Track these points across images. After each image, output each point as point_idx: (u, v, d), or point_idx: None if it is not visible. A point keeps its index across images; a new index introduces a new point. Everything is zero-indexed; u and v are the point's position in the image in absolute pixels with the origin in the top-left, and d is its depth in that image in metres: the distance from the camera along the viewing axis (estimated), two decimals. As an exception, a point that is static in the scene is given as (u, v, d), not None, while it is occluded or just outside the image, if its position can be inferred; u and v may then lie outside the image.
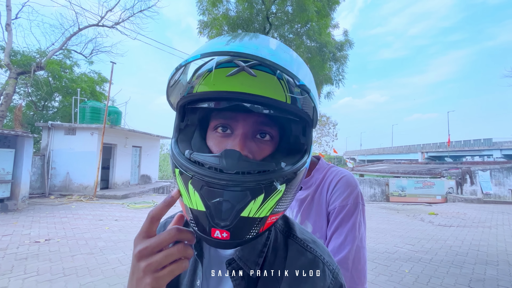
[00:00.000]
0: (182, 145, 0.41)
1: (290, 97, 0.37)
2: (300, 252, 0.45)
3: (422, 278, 3.33)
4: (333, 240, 0.77)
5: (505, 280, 3.30)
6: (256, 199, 0.34)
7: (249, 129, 0.39)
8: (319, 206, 0.83)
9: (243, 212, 0.34)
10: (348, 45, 10.65)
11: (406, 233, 5.76)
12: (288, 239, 0.47)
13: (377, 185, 13.07)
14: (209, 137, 0.42)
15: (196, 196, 0.34)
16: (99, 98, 13.95)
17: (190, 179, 0.35)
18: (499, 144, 32.49)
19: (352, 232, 0.76)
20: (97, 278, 3.06)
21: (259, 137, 0.40)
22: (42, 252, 3.86)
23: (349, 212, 0.77)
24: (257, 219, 0.35)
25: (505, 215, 8.32)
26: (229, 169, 0.34)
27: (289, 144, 0.43)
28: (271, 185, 0.35)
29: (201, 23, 9.95)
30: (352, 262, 0.74)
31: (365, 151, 56.19)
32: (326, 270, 0.44)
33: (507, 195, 12.97)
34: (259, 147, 0.40)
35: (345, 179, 0.81)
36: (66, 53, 13.19)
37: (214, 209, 0.33)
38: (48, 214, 6.47)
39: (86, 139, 9.82)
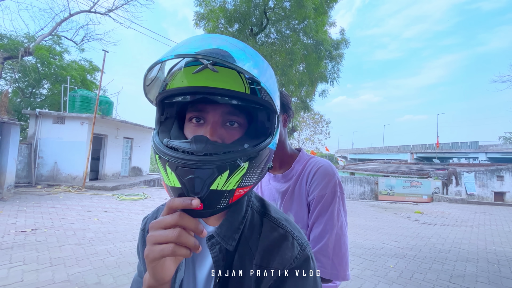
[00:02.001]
0: (162, 135, 0.47)
1: (250, 88, 0.43)
2: (273, 229, 0.50)
3: (406, 273, 3.45)
4: (313, 229, 0.80)
5: (483, 277, 3.46)
6: (222, 175, 0.40)
7: (218, 118, 0.45)
8: (299, 197, 0.85)
9: (212, 185, 0.40)
10: (344, 43, 10.70)
11: (392, 230, 5.92)
12: (264, 218, 0.52)
13: (367, 183, 13.32)
14: (186, 127, 0.48)
15: (173, 175, 0.40)
16: (90, 87, 13.59)
17: (167, 161, 0.41)
18: (484, 147, 33.54)
19: (331, 220, 0.78)
20: (85, 269, 3.04)
21: (228, 125, 0.46)
22: (28, 242, 3.79)
23: (327, 201, 0.80)
24: (225, 192, 0.41)
25: (486, 215, 8.66)
26: (198, 151, 0.40)
27: (256, 129, 0.49)
28: (235, 163, 0.40)
29: (198, 15, 9.77)
30: (333, 250, 0.76)
31: (357, 150, 57.01)
32: (295, 243, 0.49)
33: (489, 196, 13.47)
34: (228, 133, 0.46)
35: (323, 168, 0.84)
36: (56, 39, 12.76)
37: (188, 185, 0.39)
38: (35, 204, 6.33)
39: (75, 128, 9.59)
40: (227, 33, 9.97)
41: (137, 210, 6.40)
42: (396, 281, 3.17)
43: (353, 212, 8.28)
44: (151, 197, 8.43)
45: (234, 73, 0.42)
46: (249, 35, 10.21)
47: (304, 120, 28.52)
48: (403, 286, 3.05)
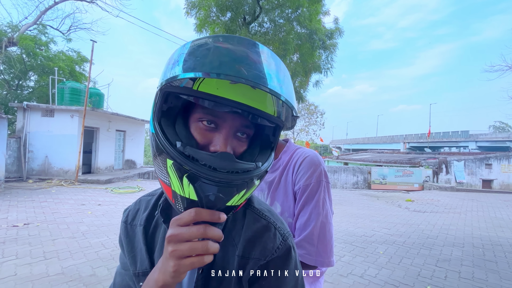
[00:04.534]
0: (168, 131, 0.42)
1: (277, 111, 0.45)
2: (255, 220, 0.51)
3: (395, 258, 3.57)
4: (299, 218, 0.82)
5: (468, 260, 3.61)
6: (240, 193, 0.41)
7: (232, 129, 0.44)
8: (286, 187, 0.86)
9: (229, 202, 0.40)
10: (338, 33, 10.60)
11: (383, 218, 6.08)
12: (247, 210, 0.52)
13: (360, 173, 13.55)
14: (193, 126, 0.44)
15: (190, 188, 0.38)
16: (79, 79, 13.24)
17: (186, 173, 0.38)
18: (475, 136, 34.28)
19: (316, 209, 0.80)
20: (79, 261, 3.05)
21: (239, 135, 0.45)
22: (20, 236, 3.76)
23: (312, 190, 0.81)
24: (236, 206, 0.43)
25: (474, 202, 8.94)
26: (223, 169, 0.38)
27: (261, 141, 0.49)
28: (252, 182, 0.42)
29: (189, 3, 9.52)
30: (318, 237, 0.78)
31: (351, 140, 57.59)
32: (277, 233, 0.50)
33: (478, 184, 13.89)
34: (238, 144, 0.45)
35: (309, 158, 0.84)
36: (41, 28, 12.29)
37: (206, 200, 0.38)
38: (27, 198, 6.25)
39: (65, 121, 9.39)
40: (219, 22, 9.75)
41: (131, 203, 6.38)
42: (385, 266, 3.29)
43: (346, 201, 8.45)
44: (145, 189, 8.41)
45: (269, 95, 0.42)
46: (242, 24, 10.01)
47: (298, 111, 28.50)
48: (392, 271, 3.16)
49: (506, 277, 3.12)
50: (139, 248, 0.55)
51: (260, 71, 0.37)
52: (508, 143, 29.00)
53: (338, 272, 3.09)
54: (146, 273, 0.51)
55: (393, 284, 2.85)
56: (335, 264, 3.32)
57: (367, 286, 2.79)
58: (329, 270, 3.13)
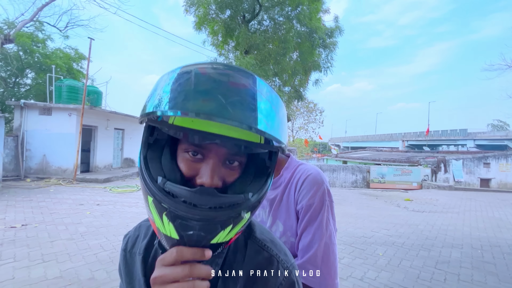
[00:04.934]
0: (152, 165, 0.41)
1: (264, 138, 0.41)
2: (257, 252, 0.48)
3: (394, 260, 3.58)
4: (302, 239, 0.80)
5: (467, 262, 3.62)
6: (225, 229, 0.38)
7: (220, 159, 0.41)
8: (288, 206, 0.84)
9: (213, 240, 0.38)
10: (338, 31, 10.54)
11: (383, 218, 6.09)
12: (248, 240, 0.50)
13: (359, 172, 13.56)
14: (180, 157, 0.42)
15: (170, 226, 0.36)
16: (77, 77, 13.12)
17: (165, 211, 0.36)
18: (473, 134, 34.42)
19: (319, 230, 0.78)
20: (78, 264, 3.03)
21: (228, 163, 0.42)
22: (18, 238, 3.74)
23: (315, 210, 0.79)
24: (224, 242, 0.40)
25: (472, 201, 8.99)
26: (203, 204, 0.36)
27: (255, 166, 0.45)
28: (239, 216, 0.38)
29: (188, 1, 9.41)
30: (321, 259, 0.77)
31: (350, 138, 57.66)
32: (280, 267, 0.48)
33: (476, 182, 13.95)
34: (228, 173, 0.42)
35: (311, 177, 0.82)
36: (38, 25, 12.13)
37: (187, 239, 0.36)
38: (25, 198, 6.22)
39: (63, 120, 9.32)
40: (218, 20, 9.66)
41: (130, 203, 6.37)
42: (384, 269, 3.29)
43: (345, 200, 8.46)
44: (144, 188, 8.39)
45: None
46: (241, 22, 9.92)
47: (298, 109, 28.46)
48: (391, 274, 3.17)
49: (504, 280, 3.13)
50: (137, 280, 0.52)
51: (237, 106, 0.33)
52: (506, 142, 29.14)
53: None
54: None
55: (392, 287, 2.85)
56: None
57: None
58: (329, 272, 3.13)
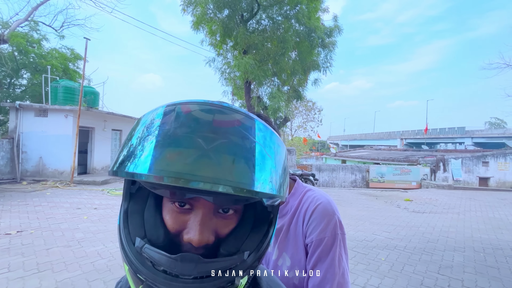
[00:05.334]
0: (132, 220, 0.35)
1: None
2: None
3: (397, 266, 3.53)
4: (312, 278, 0.73)
5: (470, 266, 3.58)
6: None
7: (210, 208, 0.34)
8: (296, 238, 0.77)
9: None
10: (337, 31, 10.46)
11: (383, 220, 6.05)
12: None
13: (358, 171, 13.54)
14: (165, 208, 0.36)
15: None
16: (73, 77, 12.96)
17: (141, 284, 0.31)
18: (471, 132, 34.52)
19: (331, 268, 0.71)
20: (74, 274, 2.95)
21: (221, 212, 0.36)
22: (13, 246, 3.65)
23: (327, 246, 0.72)
24: None
25: (472, 201, 8.98)
26: (186, 275, 0.30)
27: (255, 212, 0.39)
28: (232, 284, 0.32)
29: (185, 0, 9.28)
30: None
31: (348, 136, 57.73)
32: None
33: (474, 181, 13.98)
34: (222, 223, 0.36)
35: (322, 207, 0.75)
36: (33, 25, 11.94)
37: None
38: (20, 202, 6.11)
39: (59, 121, 9.19)
40: (216, 20, 9.54)
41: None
42: (387, 275, 3.24)
43: (345, 201, 8.42)
44: (142, 191, 8.30)
45: None
46: (239, 22, 9.81)
47: (296, 108, 28.41)
48: (394, 280, 3.12)
49: (509, 285, 3.09)
50: None
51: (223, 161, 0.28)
52: (503, 140, 29.27)
53: (340, 282, 3.04)
54: None
55: (396, 295, 2.80)
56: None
57: (370, 297, 2.74)
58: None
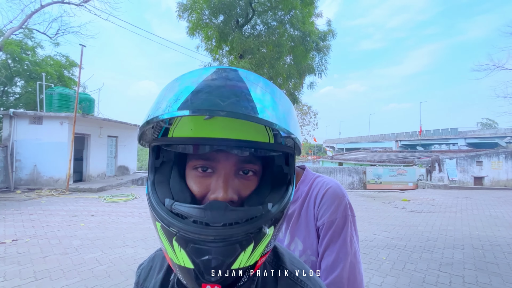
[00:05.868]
0: (160, 188, 0.38)
1: (273, 135, 0.37)
2: (290, 287, 0.42)
3: (398, 264, 3.54)
4: (325, 258, 0.74)
5: (470, 263, 3.61)
6: (246, 250, 0.33)
7: (231, 168, 0.37)
8: (307, 222, 0.78)
9: (234, 265, 0.32)
10: (331, 35, 10.64)
11: (382, 220, 6.08)
12: (278, 273, 0.44)
13: (355, 173, 13.62)
14: (189, 176, 0.39)
15: (183, 253, 0.32)
16: (68, 84, 12.88)
17: (174, 235, 0.32)
18: (463, 133, 35.11)
19: (344, 248, 0.72)
20: (73, 281, 2.89)
21: (242, 174, 0.38)
22: (9, 255, 3.56)
23: (338, 226, 0.73)
24: (248, 267, 0.34)
25: (468, 200, 9.08)
26: (215, 222, 0.32)
27: (272, 174, 0.41)
28: (260, 232, 0.33)
29: (180, 6, 9.38)
30: (348, 280, 0.70)
31: (344, 139, 58.16)
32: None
33: (469, 181, 14.16)
34: (244, 184, 0.38)
35: (332, 190, 0.77)
36: (27, 32, 11.90)
37: (203, 266, 0.32)
38: (15, 210, 5.99)
39: (55, 128, 9.09)
40: (212, 25, 9.65)
41: (126, 212, 6.20)
42: (389, 273, 3.24)
43: (343, 203, 8.44)
44: (140, 197, 8.21)
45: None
46: (234, 27, 9.93)
47: (292, 112, 28.62)
48: (396, 278, 3.13)
49: (508, 280, 3.12)
50: None
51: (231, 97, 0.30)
52: (496, 139, 29.81)
53: (342, 281, 3.03)
54: None
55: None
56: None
57: (373, 296, 2.73)
58: (334, 279, 3.07)
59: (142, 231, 4.80)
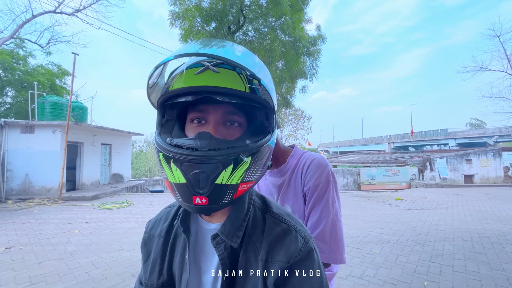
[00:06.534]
0: (164, 136, 0.48)
1: (249, 87, 0.45)
2: (276, 224, 0.51)
3: (391, 257, 3.63)
4: (310, 217, 0.83)
5: (460, 254, 3.73)
6: (226, 169, 0.41)
7: (219, 118, 0.47)
8: (295, 189, 0.88)
9: (217, 179, 0.41)
10: (321, 40, 10.93)
11: (376, 218, 6.19)
12: (266, 215, 0.53)
13: (349, 175, 13.79)
14: (187, 128, 0.50)
15: (178, 171, 0.41)
16: (60, 93, 12.81)
17: (172, 158, 0.42)
18: (453, 133, 35.92)
19: (326, 208, 0.82)
20: (69, 284, 2.89)
21: (229, 124, 0.48)
22: (2, 262, 3.52)
23: (322, 190, 0.83)
24: (230, 186, 0.43)
25: (458, 197, 9.30)
26: (203, 147, 0.41)
27: (255, 128, 0.51)
28: (238, 158, 0.42)
29: (173, 14, 9.53)
30: (330, 235, 0.80)
31: (338, 143, 58.72)
32: (298, 236, 0.50)
33: (460, 179, 14.48)
34: (229, 132, 0.47)
35: (316, 160, 0.88)
36: (19, 42, 11.86)
37: (193, 180, 0.40)
38: (7, 220, 5.89)
39: (47, 137, 9.01)
40: (204, 32, 9.81)
41: (121, 218, 6.16)
42: (382, 266, 3.33)
43: (338, 203, 8.54)
44: (135, 203, 8.15)
45: (234, 74, 0.44)
46: (226, 34, 10.11)
47: (286, 116, 28.87)
48: (389, 270, 3.21)
49: (496, 268, 3.24)
50: (153, 259, 0.55)
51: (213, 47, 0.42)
52: (485, 139, 30.59)
53: (337, 275, 3.10)
54: (151, 284, 0.53)
55: (391, 282, 2.89)
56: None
57: (366, 286, 2.81)
58: (329, 273, 3.14)
59: (139, 235, 4.78)
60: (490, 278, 2.97)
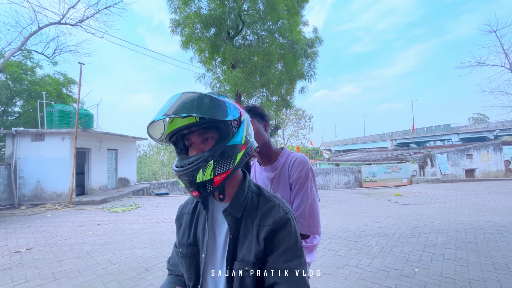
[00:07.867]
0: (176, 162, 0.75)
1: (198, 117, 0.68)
2: (266, 202, 0.75)
3: (386, 248, 3.86)
4: (294, 201, 1.12)
5: (452, 244, 3.95)
6: (199, 173, 0.66)
7: (197, 139, 0.71)
8: (284, 181, 1.17)
9: (197, 180, 0.66)
10: (318, 41, 11.18)
11: (375, 213, 6.41)
12: (259, 197, 0.77)
13: (351, 173, 13.97)
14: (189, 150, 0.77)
15: (180, 181, 0.69)
16: (66, 101, 13.21)
17: (178, 177, 0.70)
18: (456, 129, 35.84)
19: (305, 194, 1.11)
20: (89, 278, 3.17)
21: (205, 140, 0.71)
22: (25, 261, 3.82)
23: (303, 181, 1.12)
24: (207, 181, 0.66)
25: (458, 191, 9.46)
26: (183, 165, 0.67)
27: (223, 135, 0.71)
28: (203, 163, 0.66)
29: (173, 22, 9.85)
30: (308, 214, 1.09)
31: (340, 141, 58.75)
32: (280, 209, 0.73)
33: (461, 174, 14.58)
34: (206, 145, 0.71)
35: (299, 159, 1.18)
36: (26, 53, 12.28)
37: (186, 183, 0.67)
38: (23, 224, 6.22)
39: (56, 144, 9.37)
40: (204, 38, 10.13)
41: (130, 220, 6.46)
42: (377, 256, 3.57)
43: (339, 200, 8.76)
44: (142, 206, 8.45)
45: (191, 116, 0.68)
46: (226, 39, 10.41)
47: (287, 117, 29.07)
48: (383, 259, 3.45)
49: (484, 255, 3.46)
50: (183, 228, 0.84)
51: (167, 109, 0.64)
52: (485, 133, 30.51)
53: (335, 264, 3.34)
54: (182, 244, 0.81)
55: (384, 270, 3.12)
56: (332, 257, 3.57)
57: (361, 274, 3.05)
58: (327, 262, 3.38)
59: (148, 235, 5.07)
60: (477, 264, 3.19)
